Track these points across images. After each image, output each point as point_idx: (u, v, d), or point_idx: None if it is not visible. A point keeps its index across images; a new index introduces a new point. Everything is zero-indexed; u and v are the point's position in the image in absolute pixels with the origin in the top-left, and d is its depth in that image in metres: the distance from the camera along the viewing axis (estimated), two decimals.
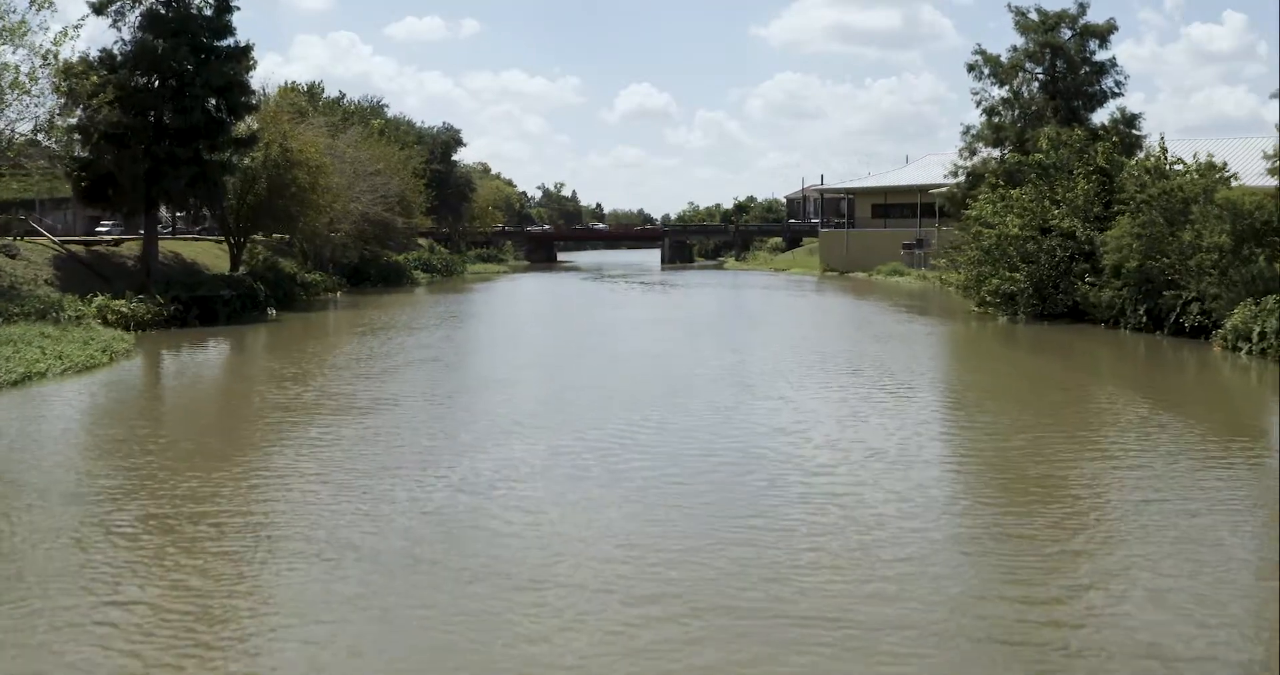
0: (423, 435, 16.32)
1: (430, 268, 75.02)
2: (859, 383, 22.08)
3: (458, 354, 27.75)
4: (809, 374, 23.23)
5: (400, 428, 16.83)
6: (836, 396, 20.21)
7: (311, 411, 18.43)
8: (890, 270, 70.25)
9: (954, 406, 20.18)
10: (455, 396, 20.66)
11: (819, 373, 23.55)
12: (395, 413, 18.28)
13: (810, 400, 19.76)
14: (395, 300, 48.36)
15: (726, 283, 70.65)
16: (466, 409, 19.13)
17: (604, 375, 23.39)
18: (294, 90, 71.77)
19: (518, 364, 25.19)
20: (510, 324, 35.14)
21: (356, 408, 18.71)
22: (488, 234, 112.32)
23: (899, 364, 25.06)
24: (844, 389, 21.17)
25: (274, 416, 18.27)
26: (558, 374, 23.87)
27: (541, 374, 23.95)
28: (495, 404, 19.37)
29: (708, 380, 22.10)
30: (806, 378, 22.63)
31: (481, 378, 23.39)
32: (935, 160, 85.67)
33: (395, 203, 61.47)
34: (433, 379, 22.66)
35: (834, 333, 33.36)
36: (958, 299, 50.32)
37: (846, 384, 21.93)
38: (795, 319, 38.38)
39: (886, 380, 22.48)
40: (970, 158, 44.20)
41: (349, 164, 58.50)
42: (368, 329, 34.06)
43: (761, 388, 21.07)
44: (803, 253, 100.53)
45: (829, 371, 23.84)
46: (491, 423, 17.35)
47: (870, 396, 20.12)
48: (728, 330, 33.67)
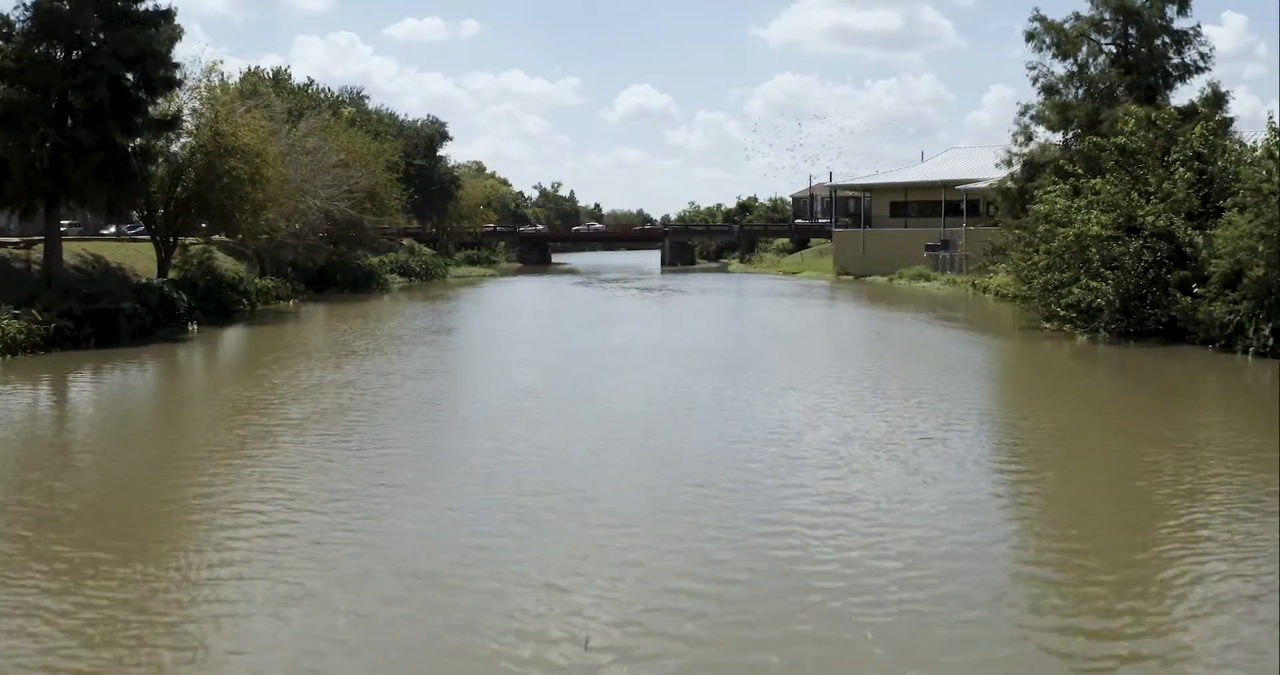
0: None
1: (408, 271, 68.34)
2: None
3: (360, 422, 16.70)
4: (909, 447, 14.90)
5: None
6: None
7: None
8: (915, 274, 63.56)
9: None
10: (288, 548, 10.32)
11: (924, 446, 14.96)
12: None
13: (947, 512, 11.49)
14: (353, 311, 41.65)
15: (733, 288, 63.97)
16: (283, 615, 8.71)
17: (586, 479, 13.07)
18: (256, 75, 65.22)
19: (447, 457, 14.55)
20: (468, 350, 27.65)
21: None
22: (477, 234, 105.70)
23: (1023, 421, 18.38)
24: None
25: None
26: (506, 479, 12.95)
27: (476, 478, 13.06)
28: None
29: (766, 486, 12.64)
30: (919, 453, 14.42)
31: (372, 498, 12.08)
32: (958, 154, 79.13)
33: (364, 199, 54.76)
34: (294, 478, 12.93)
35: (895, 364, 24.83)
36: (1001, 309, 43.70)
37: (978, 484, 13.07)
38: (832, 341, 31.19)
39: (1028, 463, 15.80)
40: (1026, 144, 37.47)
41: (308, 155, 51.87)
42: (285, 355, 27.33)
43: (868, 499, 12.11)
44: (812, 254, 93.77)
45: (935, 446, 15.08)
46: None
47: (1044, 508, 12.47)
48: (754, 362, 24.87)
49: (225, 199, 36.57)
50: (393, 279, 64.65)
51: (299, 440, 15.60)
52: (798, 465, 13.86)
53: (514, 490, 12.36)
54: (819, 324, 36.44)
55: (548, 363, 24.10)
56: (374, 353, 26.67)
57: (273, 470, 13.61)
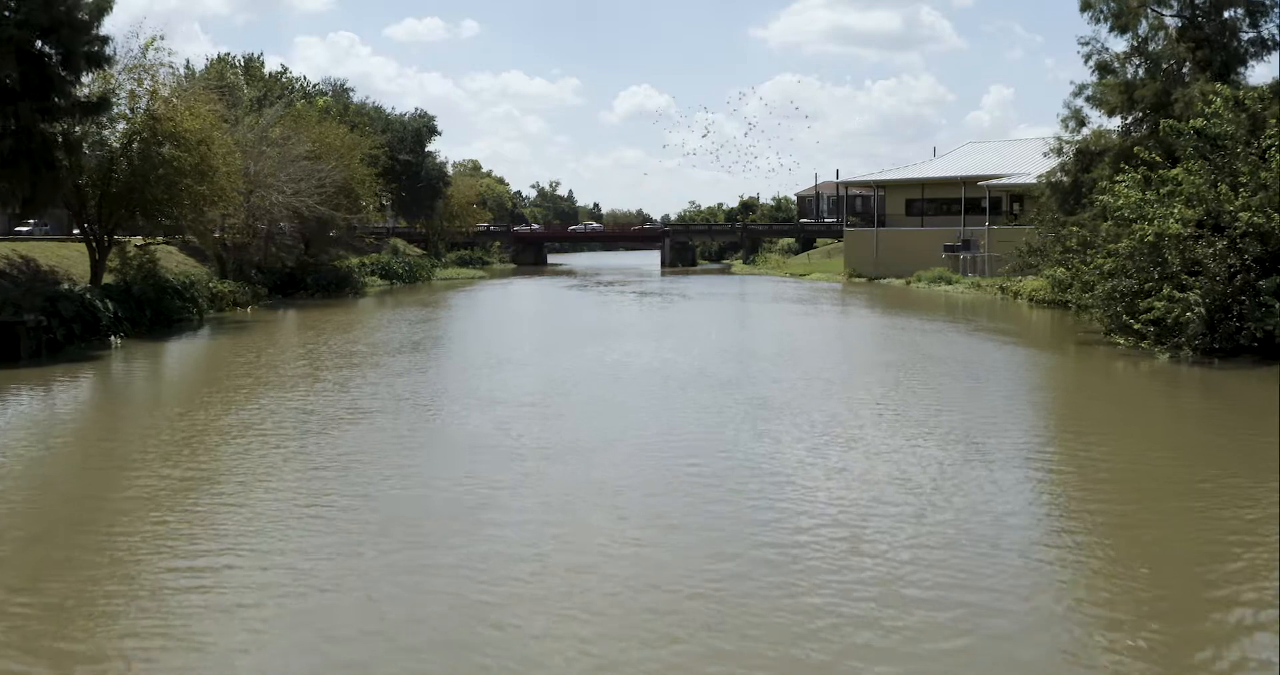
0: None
1: (389, 273, 63.72)
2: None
3: (234, 496, 11.76)
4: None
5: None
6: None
7: None
8: (934, 276, 58.91)
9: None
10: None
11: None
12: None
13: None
14: (313, 320, 37.00)
15: (739, 292, 59.33)
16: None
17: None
18: (224, 61, 60.66)
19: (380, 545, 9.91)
20: (421, 377, 21.66)
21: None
22: (469, 234, 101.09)
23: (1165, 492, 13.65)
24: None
25: None
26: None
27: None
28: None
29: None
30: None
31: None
32: (975, 149, 74.49)
33: (335, 195, 50.14)
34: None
35: (964, 398, 19.22)
36: (1040, 316, 39.11)
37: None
38: (870, 361, 25.78)
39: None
40: (1077, 130, 32.79)
41: (273, 146, 47.34)
42: (196, 381, 22.72)
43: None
44: (819, 255, 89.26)
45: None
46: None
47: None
48: (782, 395, 19.10)
49: (162, 192, 31.95)
50: (371, 282, 60.07)
51: (135, 532, 10.97)
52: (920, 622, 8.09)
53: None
54: (845, 337, 31.68)
55: (517, 398, 18.87)
56: (306, 379, 22.01)
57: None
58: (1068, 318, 37.60)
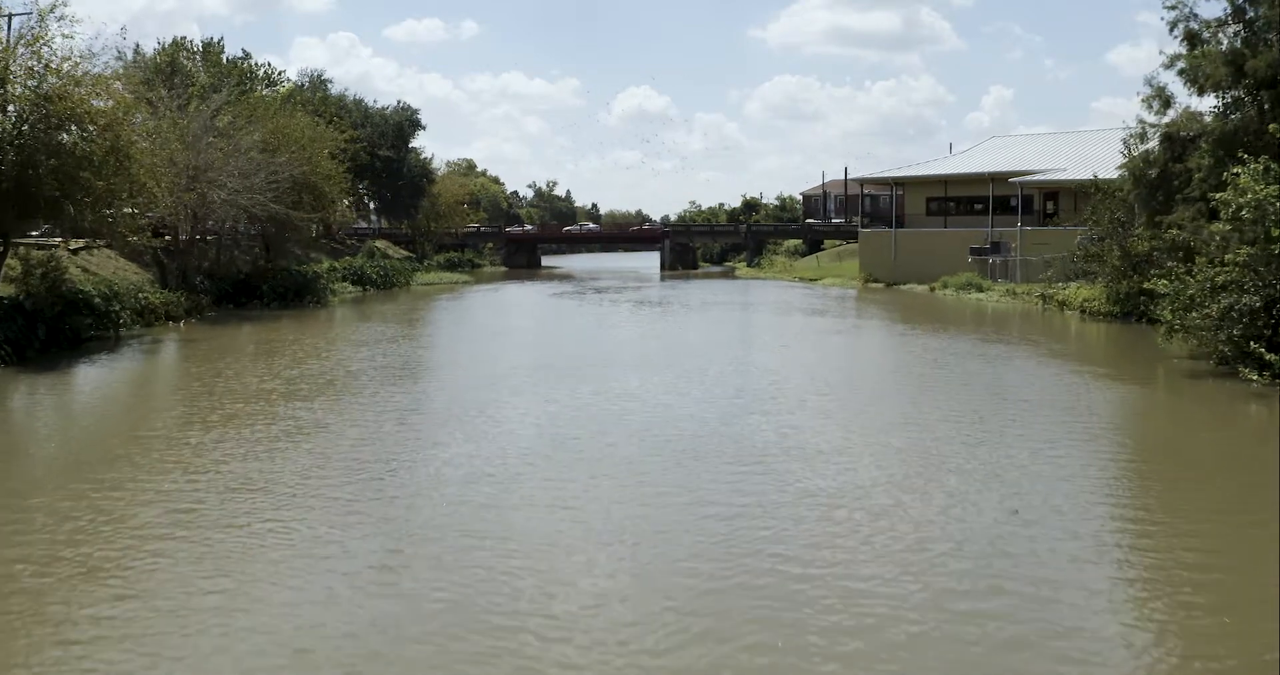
0: None
1: (362, 279, 58.08)
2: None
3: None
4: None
5: None
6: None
7: None
8: (963, 283, 53.27)
9: None
10: None
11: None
12: None
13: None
14: (251, 338, 31.39)
15: (747, 301, 53.75)
16: None
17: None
18: (179, 45, 55.14)
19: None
20: (333, 442, 15.29)
21: None
22: (458, 235, 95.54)
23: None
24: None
25: None
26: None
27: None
28: None
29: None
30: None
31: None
32: (1001, 144, 68.86)
33: (291, 191, 44.52)
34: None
35: (1073, 459, 14.31)
36: (1099, 331, 33.58)
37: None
38: (928, 402, 19.50)
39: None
40: (1163, 111, 27.15)
41: (221, 137, 41.82)
42: (38, 437, 17.14)
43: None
44: (828, 257, 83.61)
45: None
46: None
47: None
48: (835, 471, 13.46)
49: (54, 187, 26.39)
50: (341, 289, 54.45)
51: None
52: None
53: None
54: (887, 366, 25.83)
55: (469, 485, 13.25)
56: (191, 427, 16.43)
57: None
58: (1128, 333, 32.08)
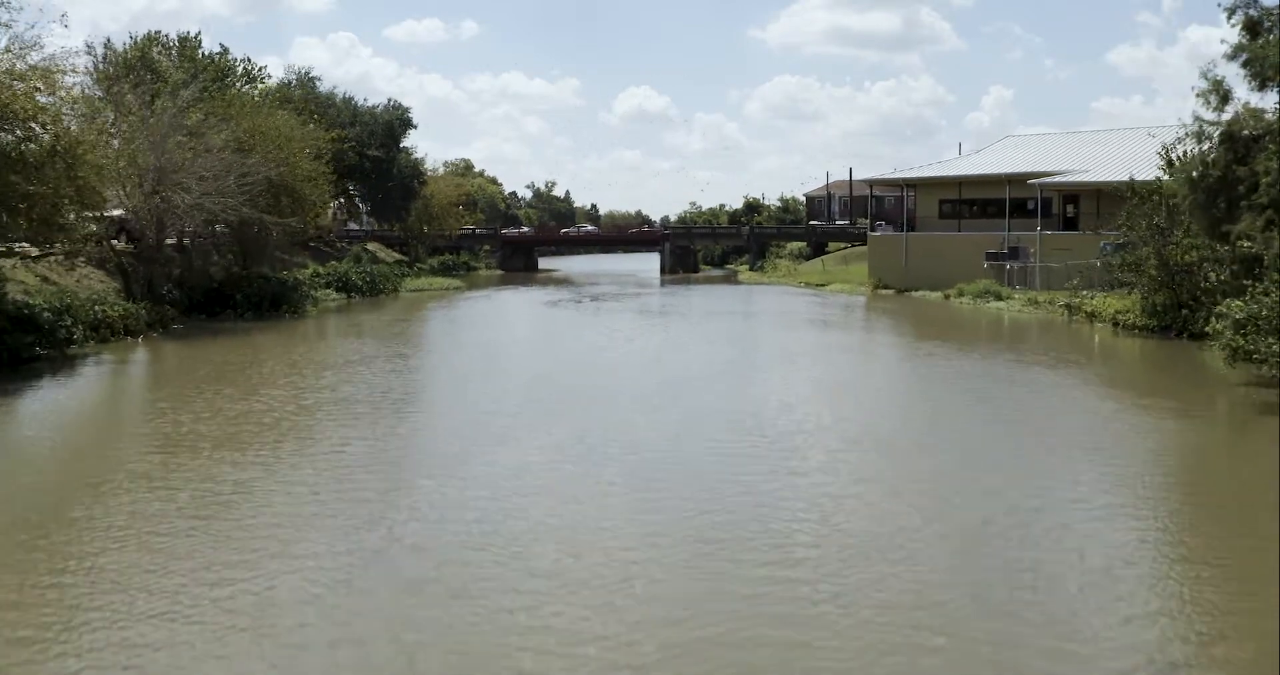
0: None
1: (347, 285, 55.16)
2: None
3: None
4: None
5: None
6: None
7: None
8: (980, 290, 50.37)
9: None
10: None
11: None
12: None
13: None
14: (206, 357, 28.44)
15: (754, 310, 50.89)
16: None
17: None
18: (151, 40, 52.28)
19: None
20: (287, 516, 12.73)
21: None
22: (452, 237, 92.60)
23: None
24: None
25: None
26: None
27: None
28: None
29: None
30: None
31: None
32: (1016, 143, 65.94)
33: (265, 194, 41.61)
34: None
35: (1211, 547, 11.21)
36: (1139, 347, 30.76)
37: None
38: (979, 449, 15.78)
39: None
40: (1221, 107, 24.26)
41: (190, 136, 38.96)
42: None
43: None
44: (834, 261, 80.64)
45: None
46: None
47: None
48: (898, 557, 10.56)
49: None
50: (324, 296, 51.56)
51: None
52: None
53: None
54: (917, 394, 22.68)
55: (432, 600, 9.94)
56: (78, 495, 13.56)
57: None
58: (1170, 350, 29.26)
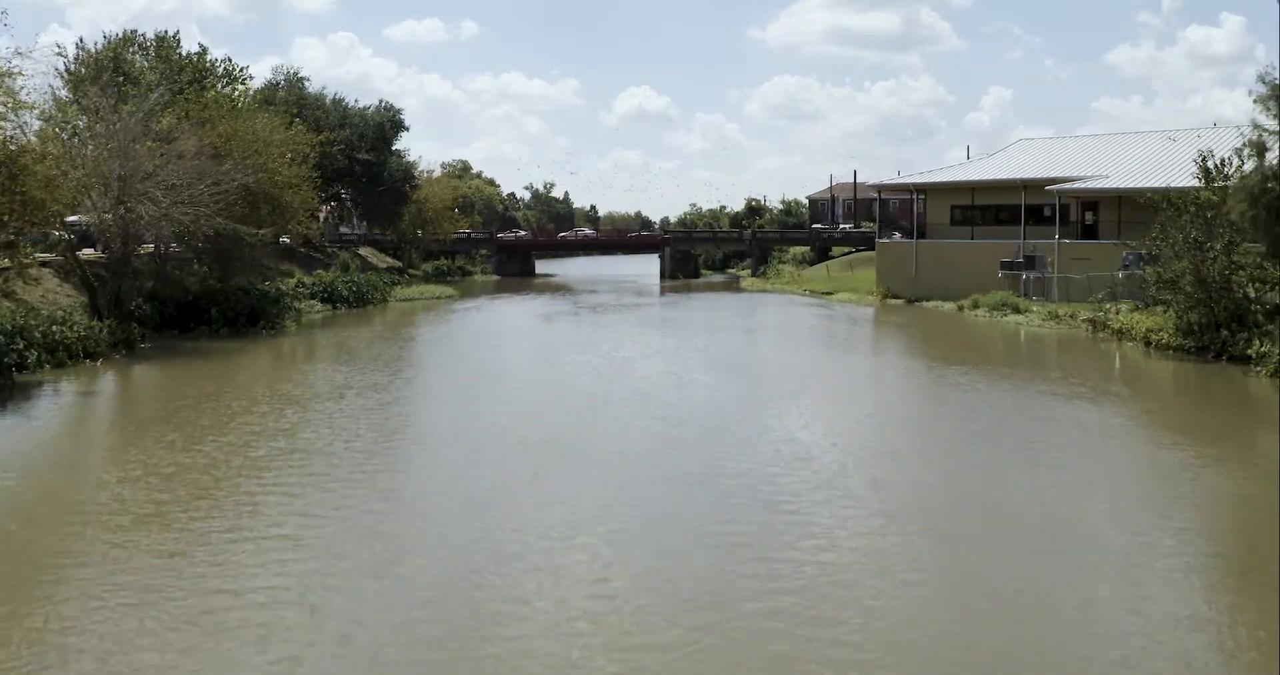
0: None
1: (333, 296, 52.68)
2: None
3: None
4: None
5: None
6: None
7: None
8: (996, 302, 47.89)
9: None
10: None
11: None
12: None
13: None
14: (163, 387, 25.93)
15: (759, 324, 48.49)
16: None
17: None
18: (128, 40, 49.85)
19: None
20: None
21: None
22: (447, 242, 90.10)
23: None
24: None
25: None
26: None
27: None
28: None
29: None
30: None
31: None
32: (1030, 147, 63.48)
33: (241, 202, 39.13)
34: None
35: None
36: (1183, 374, 28.35)
37: None
38: (1077, 544, 12.94)
39: None
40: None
41: (162, 142, 36.54)
42: None
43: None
44: (839, 267, 78.16)
45: None
46: None
47: None
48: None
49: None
50: (308, 308, 49.08)
51: None
52: None
53: None
54: (951, 440, 20.20)
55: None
56: None
57: None
58: (1212, 375, 26.86)
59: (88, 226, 36.09)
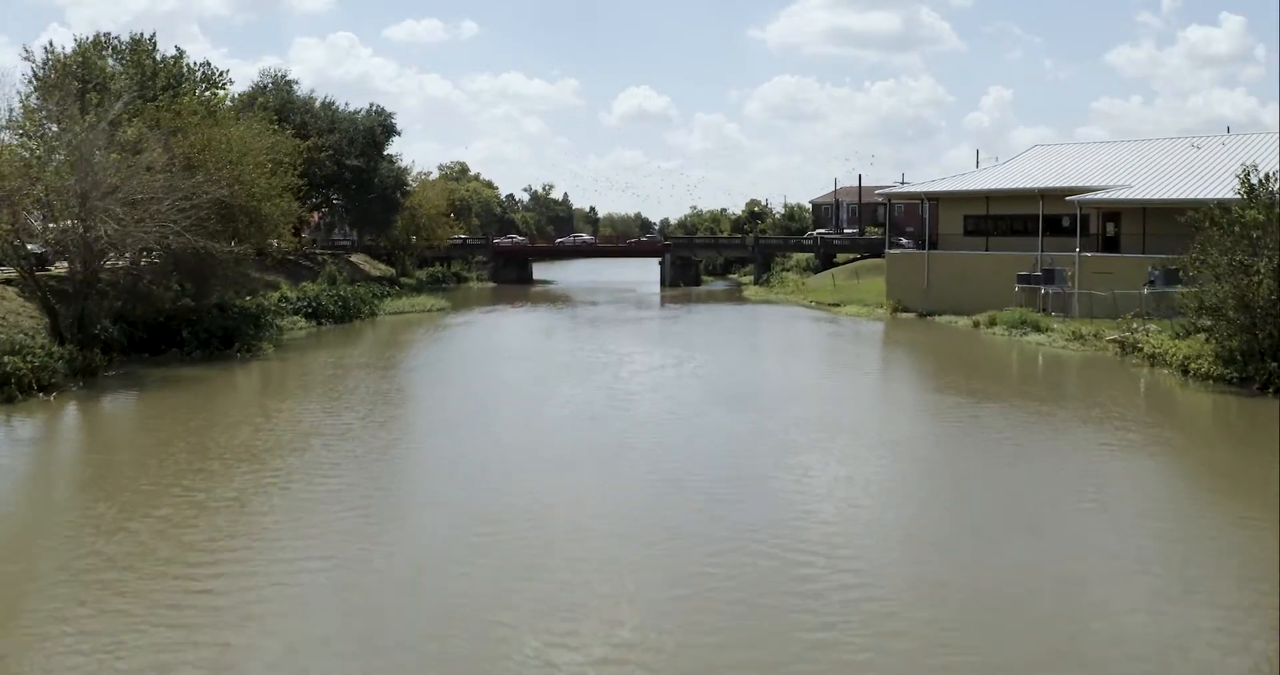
0: None
1: (318, 311, 50.17)
2: None
3: None
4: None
5: None
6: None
7: None
8: (1015, 320, 45.36)
9: None
10: None
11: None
12: None
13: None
14: (87, 444, 23.38)
15: (767, 341, 46.11)
16: None
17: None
18: (100, 43, 47.39)
19: None
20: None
21: None
22: (442, 248, 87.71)
23: None
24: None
25: None
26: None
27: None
28: None
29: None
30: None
31: None
32: (1046, 154, 61.02)
33: (217, 215, 36.69)
34: None
35: None
36: (1234, 409, 25.91)
37: None
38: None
39: None
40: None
41: (122, 155, 34.11)
42: None
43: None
44: (844, 275, 75.74)
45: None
46: None
47: None
48: None
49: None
50: (291, 324, 46.65)
51: None
52: None
53: None
54: (1010, 507, 17.38)
55: None
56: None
57: None
58: (1261, 411, 24.40)
59: (46, 245, 33.66)
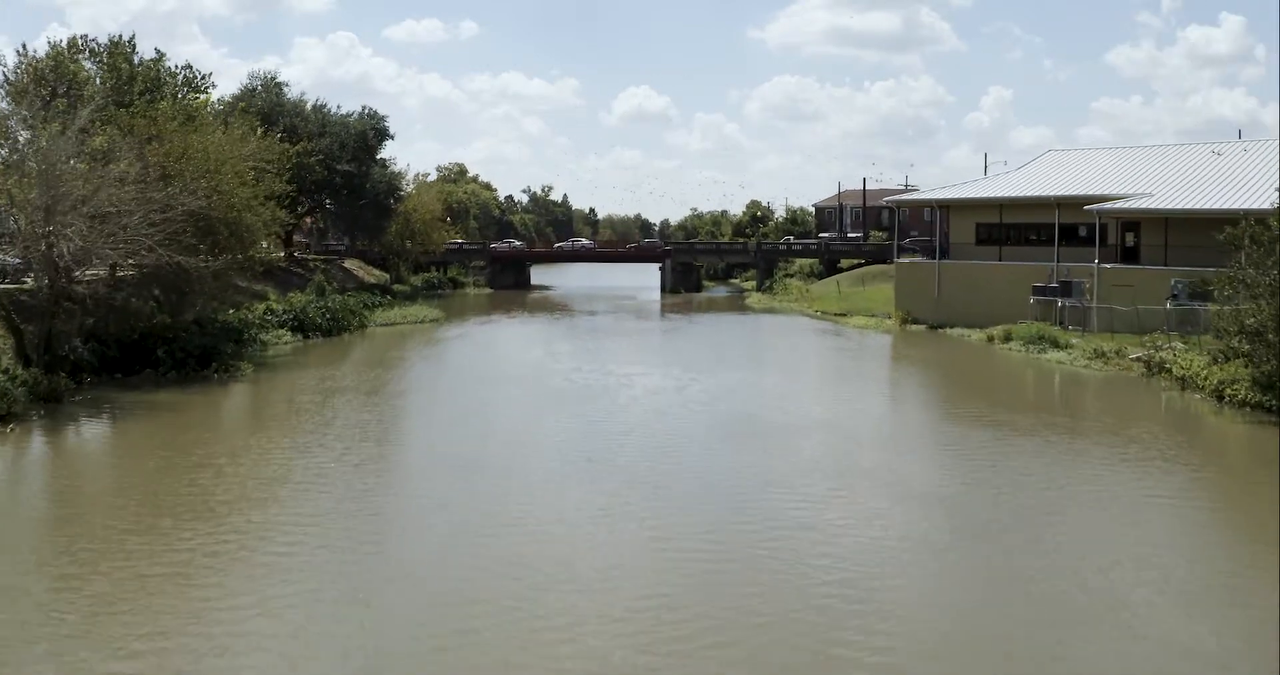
0: None
1: (304, 324, 48.19)
2: None
3: None
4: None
5: None
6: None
7: None
8: (1032, 335, 43.34)
9: None
10: None
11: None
12: None
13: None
14: (20, 495, 21.61)
15: (771, 358, 44.16)
16: None
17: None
18: (74, 45, 45.42)
19: None
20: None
21: None
22: (438, 253, 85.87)
23: None
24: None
25: None
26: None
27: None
28: None
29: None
30: None
31: None
32: (1061, 159, 59.04)
33: (194, 228, 34.74)
34: None
35: None
36: (1251, 437, 23.95)
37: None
38: None
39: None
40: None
41: (91, 165, 32.20)
42: None
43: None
44: (849, 282, 73.76)
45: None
46: None
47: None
48: None
49: None
50: (276, 338, 44.72)
51: None
52: None
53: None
54: (1059, 585, 15.67)
55: None
56: None
57: None
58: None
59: (10, 261, 31.79)
